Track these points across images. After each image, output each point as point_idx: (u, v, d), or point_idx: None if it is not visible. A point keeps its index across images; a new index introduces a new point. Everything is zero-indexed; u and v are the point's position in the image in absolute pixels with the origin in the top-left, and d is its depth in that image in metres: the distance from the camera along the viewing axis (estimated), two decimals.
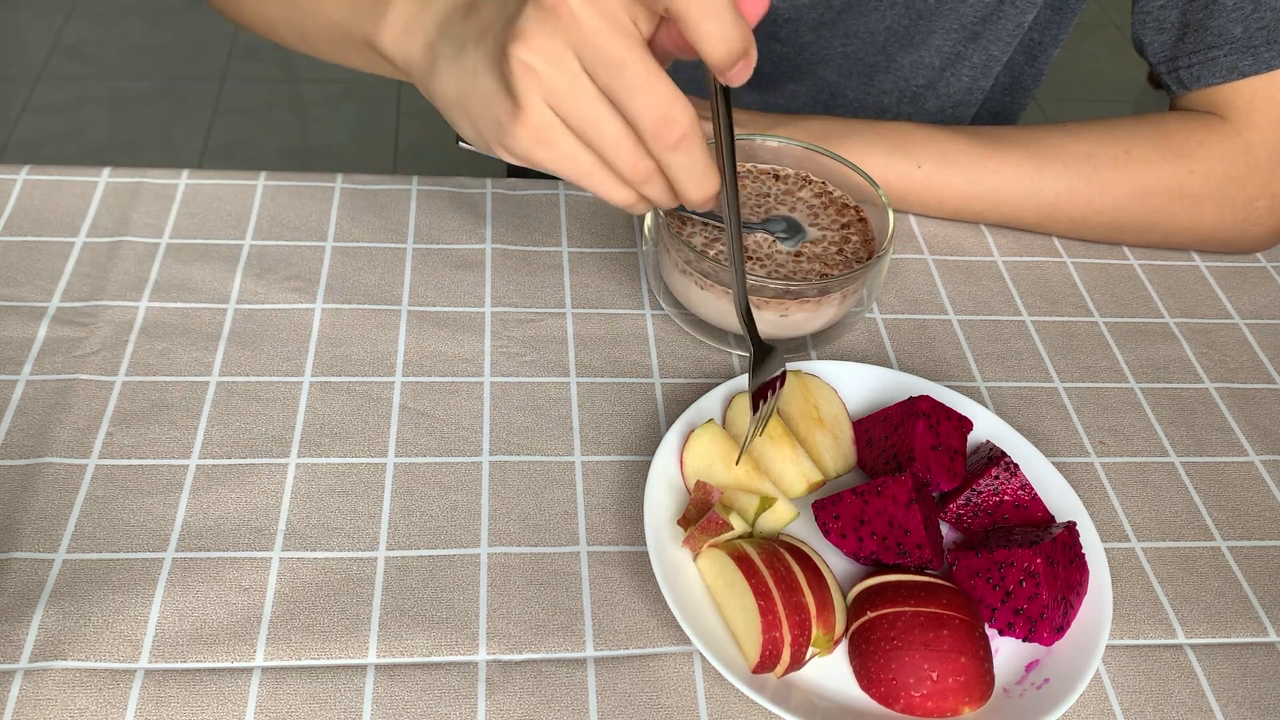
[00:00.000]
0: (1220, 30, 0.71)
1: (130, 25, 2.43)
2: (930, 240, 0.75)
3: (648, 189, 0.47)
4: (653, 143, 0.45)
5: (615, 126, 0.45)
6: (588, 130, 0.45)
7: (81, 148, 2.10)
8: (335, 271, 0.67)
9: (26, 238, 0.67)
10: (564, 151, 0.46)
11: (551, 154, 0.47)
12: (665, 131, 0.44)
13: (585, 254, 0.70)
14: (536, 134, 0.46)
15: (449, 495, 0.56)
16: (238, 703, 0.47)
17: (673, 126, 0.44)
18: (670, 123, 0.44)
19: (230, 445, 0.57)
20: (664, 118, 0.44)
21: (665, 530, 0.53)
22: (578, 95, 0.45)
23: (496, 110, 0.47)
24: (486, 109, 0.47)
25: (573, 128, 0.46)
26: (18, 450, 0.56)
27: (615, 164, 0.46)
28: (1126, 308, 0.72)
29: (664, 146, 0.45)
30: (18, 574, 0.51)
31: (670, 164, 0.46)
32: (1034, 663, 0.50)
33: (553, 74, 0.44)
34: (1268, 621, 0.55)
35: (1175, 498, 0.60)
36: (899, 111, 0.86)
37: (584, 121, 0.45)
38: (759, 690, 0.47)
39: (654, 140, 0.45)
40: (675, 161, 0.46)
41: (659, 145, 0.45)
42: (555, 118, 0.46)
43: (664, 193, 0.48)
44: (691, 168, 0.46)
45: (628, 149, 0.46)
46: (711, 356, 0.65)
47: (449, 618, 0.51)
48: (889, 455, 0.56)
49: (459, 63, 0.48)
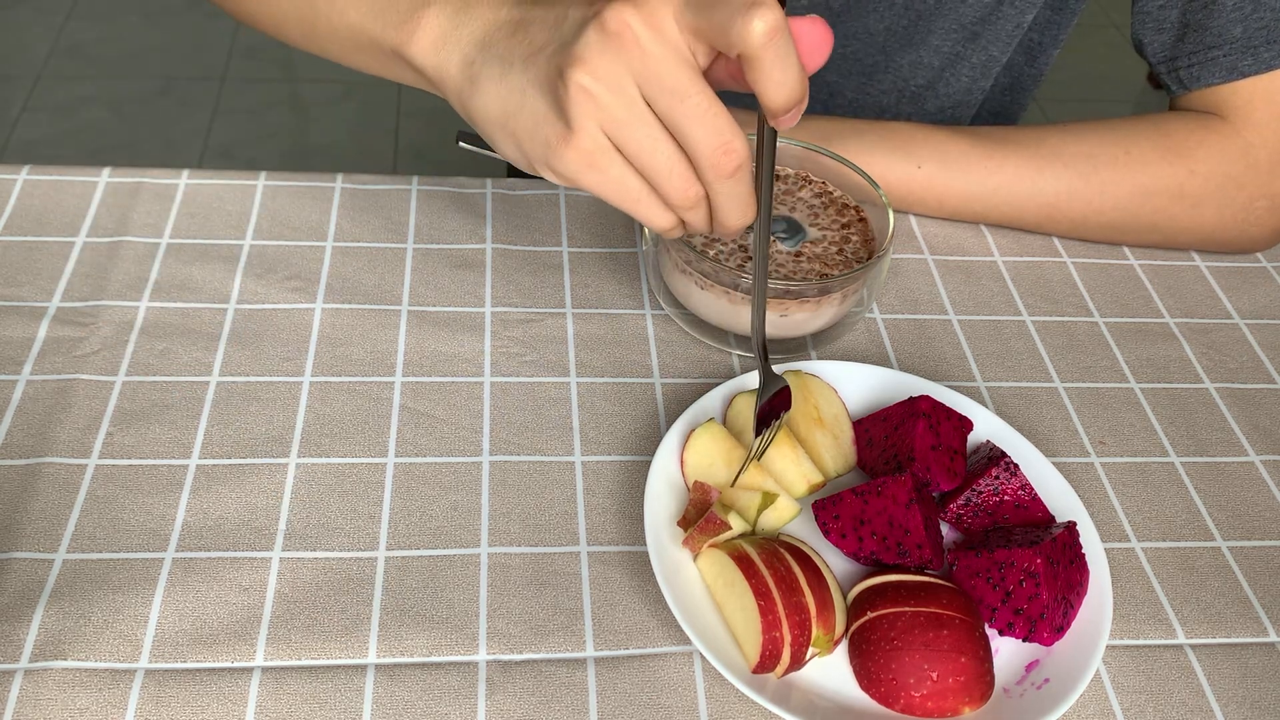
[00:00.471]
0: (1220, 30, 0.71)
1: (130, 25, 2.43)
2: (930, 240, 0.75)
3: (691, 215, 0.48)
4: (709, 171, 0.46)
5: (669, 152, 0.46)
6: (643, 157, 0.46)
7: (81, 148, 2.10)
8: (335, 271, 0.67)
9: (26, 238, 0.67)
10: (612, 176, 0.47)
11: (600, 178, 0.47)
12: (724, 161, 0.46)
13: (585, 254, 0.71)
14: (588, 157, 0.46)
15: (449, 495, 0.56)
16: (238, 703, 0.47)
17: (732, 156, 0.46)
18: (730, 152, 0.46)
19: (230, 445, 0.57)
20: (724, 147, 0.45)
21: (665, 530, 0.53)
22: (635, 122, 0.45)
23: (545, 131, 0.47)
24: (534, 130, 0.48)
25: (626, 153, 0.46)
26: (18, 450, 0.56)
27: (665, 190, 0.47)
28: (1126, 308, 0.72)
29: (720, 175, 0.46)
30: (18, 574, 0.51)
31: (720, 191, 0.47)
32: (1034, 663, 0.50)
33: (611, 100, 0.45)
34: (1268, 621, 0.55)
35: (1175, 498, 0.60)
36: (898, 111, 0.86)
37: (639, 148, 0.46)
38: (759, 690, 0.47)
39: (711, 169, 0.46)
40: (726, 189, 0.47)
41: (715, 174, 0.46)
42: (607, 142, 0.46)
43: (705, 220, 0.49)
44: (739, 196, 0.47)
45: (680, 175, 0.47)
46: (711, 356, 0.65)
47: (449, 618, 0.51)
48: (889, 455, 0.56)
49: (504, 82, 0.48)
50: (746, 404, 0.57)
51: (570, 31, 0.46)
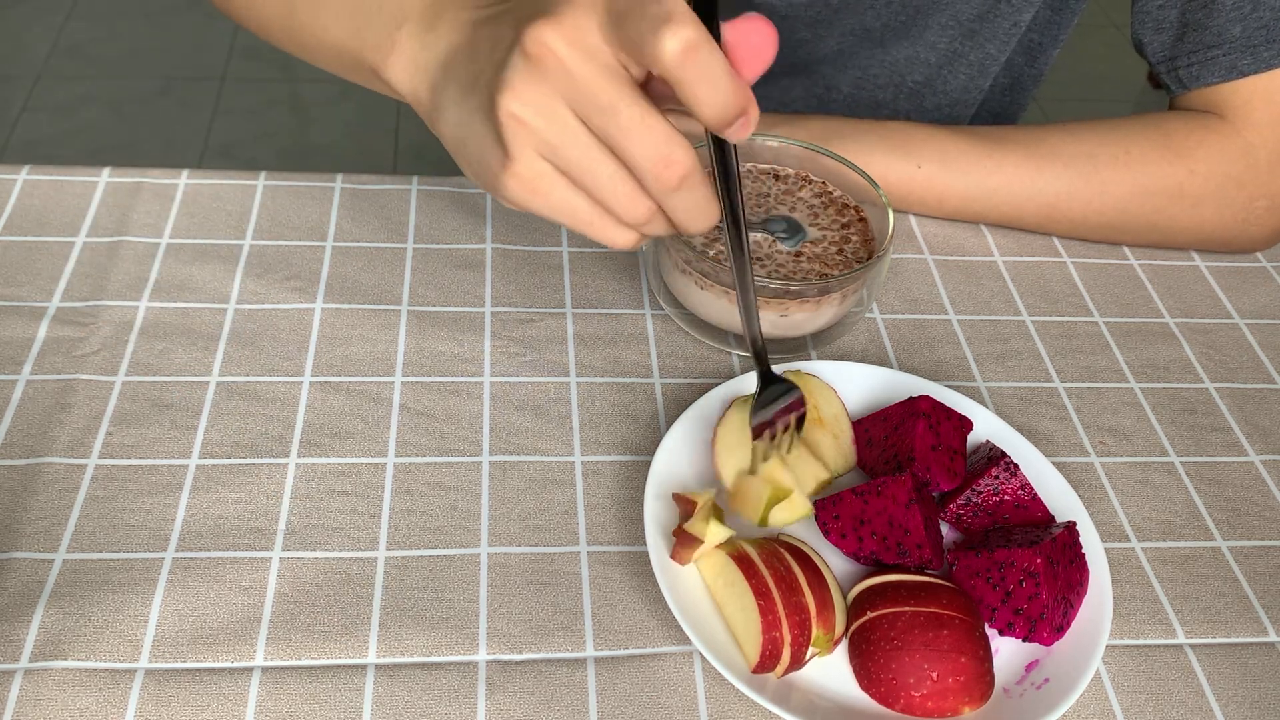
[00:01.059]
0: (1219, 30, 0.71)
1: (130, 25, 2.43)
2: (930, 240, 0.75)
3: (649, 228, 0.46)
4: (653, 185, 0.43)
5: (610, 170, 0.44)
6: (585, 178, 0.44)
7: (81, 148, 2.10)
8: (335, 271, 0.67)
9: (26, 238, 0.67)
10: (557, 199, 0.45)
11: (544, 202, 0.45)
12: (666, 174, 0.43)
13: (585, 254, 0.70)
14: (529, 184, 0.45)
15: (449, 495, 0.56)
16: (238, 703, 0.47)
17: (673, 168, 0.43)
18: (670, 164, 0.43)
19: (230, 445, 0.57)
20: (664, 160, 0.43)
21: (665, 530, 0.53)
22: (569, 143, 0.43)
23: (489, 158, 0.46)
24: (481, 157, 0.46)
25: (569, 175, 0.45)
26: (18, 450, 0.56)
27: (614, 209, 0.45)
28: (1126, 308, 0.72)
29: (665, 189, 0.43)
30: (18, 574, 0.51)
31: (672, 205, 0.45)
32: (1034, 663, 0.50)
33: (542, 124, 0.43)
34: (1268, 621, 0.55)
35: (1175, 498, 0.60)
36: (895, 109, 0.86)
37: (579, 169, 0.44)
38: (759, 690, 0.47)
39: (654, 183, 0.43)
40: (676, 201, 0.44)
41: (660, 187, 0.43)
42: (548, 166, 0.45)
43: (665, 228, 0.47)
44: (694, 205, 0.44)
45: (625, 193, 0.44)
46: (711, 356, 0.65)
47: (449, 618, 0.51)
48: (889, 455, 0.56)
49: (460, 107, 0.47)
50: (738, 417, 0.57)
51: (502, 54, 0.44)
